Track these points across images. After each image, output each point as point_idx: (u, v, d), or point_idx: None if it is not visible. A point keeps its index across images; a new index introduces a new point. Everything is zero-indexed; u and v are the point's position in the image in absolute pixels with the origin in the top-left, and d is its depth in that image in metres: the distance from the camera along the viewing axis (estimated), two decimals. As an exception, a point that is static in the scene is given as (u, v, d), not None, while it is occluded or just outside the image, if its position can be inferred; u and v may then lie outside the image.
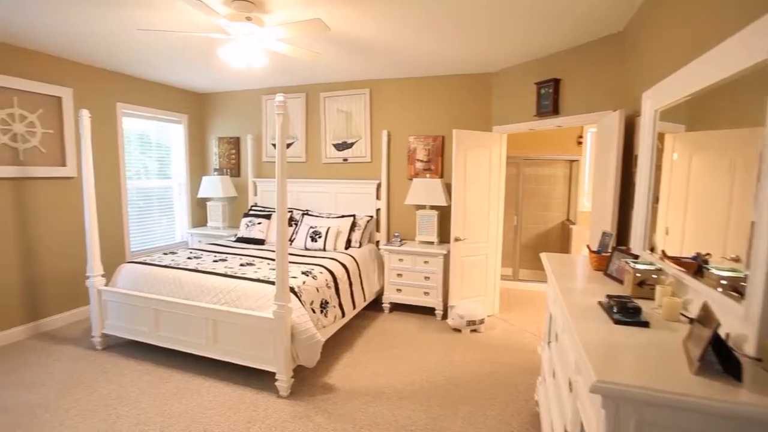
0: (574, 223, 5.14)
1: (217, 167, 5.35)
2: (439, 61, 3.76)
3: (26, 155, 3.55)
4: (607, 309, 1.38)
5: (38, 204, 3.66)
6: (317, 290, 3.07)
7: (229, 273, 3.10)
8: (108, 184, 4.27)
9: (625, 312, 1.31)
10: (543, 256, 2.33)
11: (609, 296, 1.42)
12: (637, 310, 1.31)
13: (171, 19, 2.75)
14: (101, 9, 2.61)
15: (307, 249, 4.13)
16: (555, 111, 3.38)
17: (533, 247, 5.90)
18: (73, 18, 2.76)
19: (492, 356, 3.29)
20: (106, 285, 3.35)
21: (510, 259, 5.34)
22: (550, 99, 3.39)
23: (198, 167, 5.40)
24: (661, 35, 2.07)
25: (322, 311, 3.04)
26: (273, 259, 3.55)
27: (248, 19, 2.43)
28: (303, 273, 3.15)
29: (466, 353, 3.34)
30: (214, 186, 4.97)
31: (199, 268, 3.20)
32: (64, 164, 3.82)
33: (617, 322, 1.29)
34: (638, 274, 1.55)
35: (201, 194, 5.06)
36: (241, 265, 3.38)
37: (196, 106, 5.33)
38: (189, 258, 3.58)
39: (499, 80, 4.05)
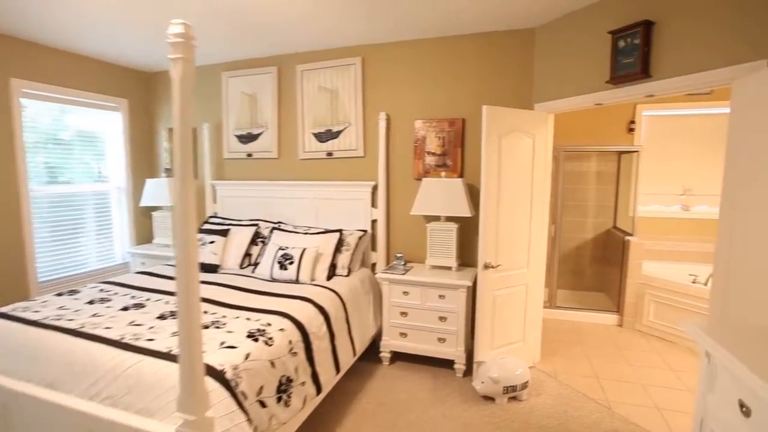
0: (630, 234, 3.93)
1: (169, 167, 4.17)
2: (456, 13, 2.57)
3: None
4: None
5: None
6: (272, 365, 1.88)
7: (125, 338, 1.89)
8: None
9: None
10: (696, 330, 1.14)
11: None
12: None
13: None
14: None
15: (273, 279, 2.93)
16: (644, 71, 2.18)
17: (573, 262, 4.72)
18: None
19: (552, 457, 2.10)
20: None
21: (545, 279, 4.13)
22: (635, 54, 2.19)
23: (144, 167, 4.21)
24: None
25: (279, 399, 1.86)
26: (222, 304, 2.37)
27: None
28: (249, 336, 1.95)
29: (509, 450, 2.16)
30: (160, 190, 3.79)
31: (85, 329, 1.99)
32: None
33: None
34: None
35: (144, 202, 3.88)
36: (160, 317, 2.18)
37: (140, 89, 4.14)
38: (91, 302, 2.39)
39: (547, 35, 2.84)
